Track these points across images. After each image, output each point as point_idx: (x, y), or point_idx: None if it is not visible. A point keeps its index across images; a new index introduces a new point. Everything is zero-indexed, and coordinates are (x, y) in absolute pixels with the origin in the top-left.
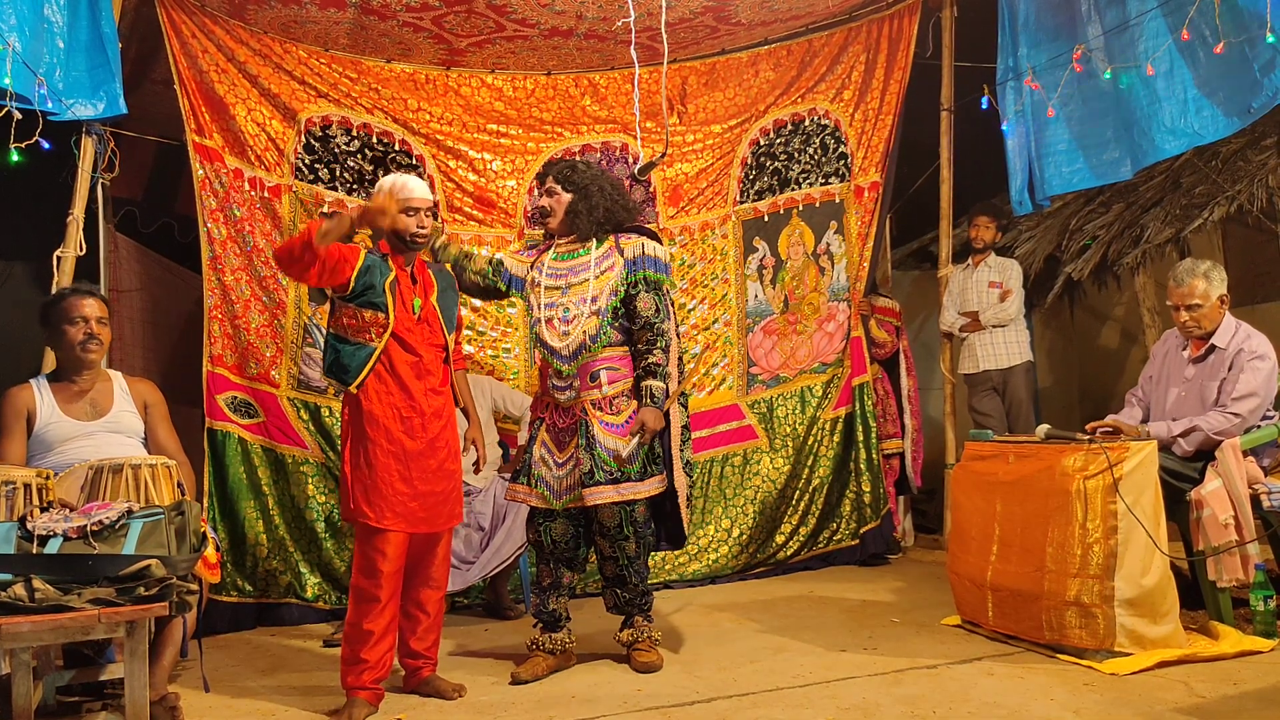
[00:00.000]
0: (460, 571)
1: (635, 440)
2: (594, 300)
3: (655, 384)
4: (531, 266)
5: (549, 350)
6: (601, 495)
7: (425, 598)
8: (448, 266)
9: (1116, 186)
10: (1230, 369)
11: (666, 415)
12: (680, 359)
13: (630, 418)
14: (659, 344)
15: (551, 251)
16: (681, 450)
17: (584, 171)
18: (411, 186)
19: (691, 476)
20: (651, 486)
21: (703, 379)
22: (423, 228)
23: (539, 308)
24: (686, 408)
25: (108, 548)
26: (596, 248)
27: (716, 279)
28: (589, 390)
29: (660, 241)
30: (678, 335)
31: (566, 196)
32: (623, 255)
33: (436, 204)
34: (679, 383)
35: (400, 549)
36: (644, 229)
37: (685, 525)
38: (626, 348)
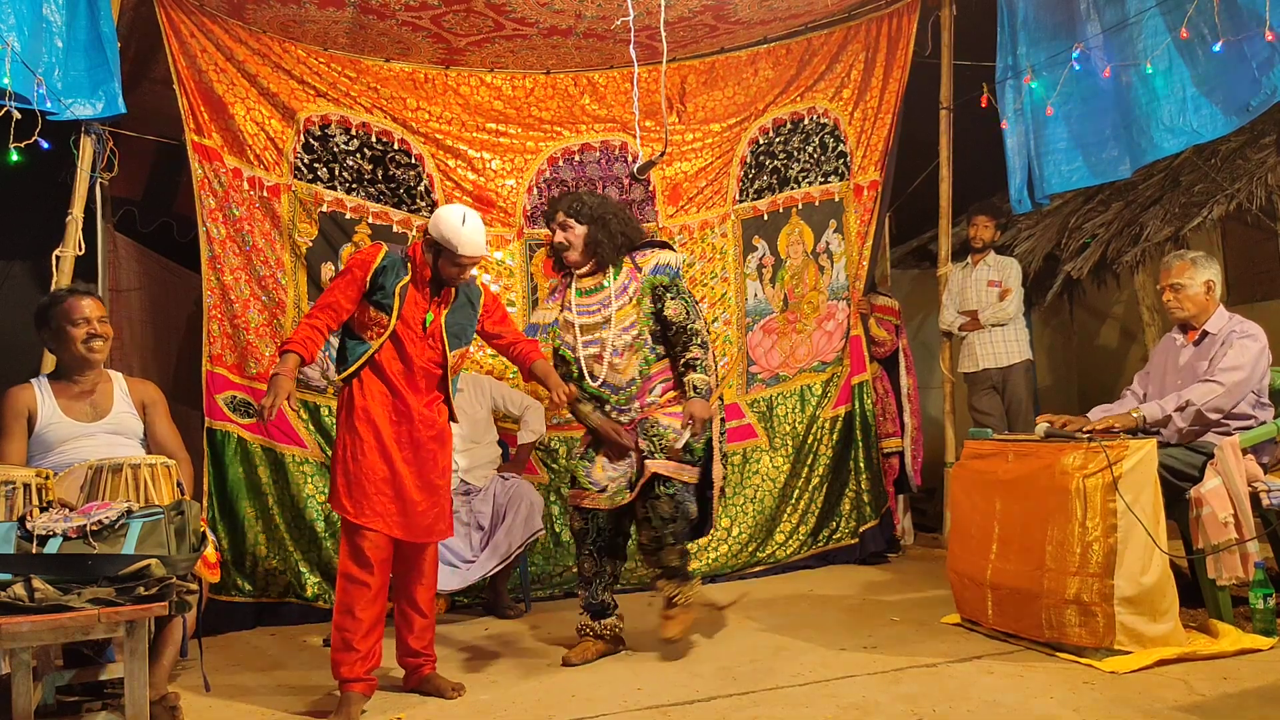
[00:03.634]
0: (460, 571)
1: (688, 433)
2: (633, 326)
3: (696, 376)
4: (561, 308)
5: (609, 386)
6: (664, 467)
7: (420, 597)
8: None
9: (1116, 185)
10: (1221, 347)
11: None
12: (714, 356)
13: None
14: (695, 342)
15: (573, 288)
16: (721, 443)
17: (590, 201)
18: (467, 241)
19: (727, 469)
20: (694, 473)
21: None
22: (463, 276)
23: (579, 345)
24: (723, 400)
25: (107, 547)
26: (615, 275)
27: (716, 278)
28: (647, 405)
29: (672, 248)
30: (708, 332)
31: (582, 229)
32: (641, 272)
33: (433, 205)
34: (719, 380)
35: (383, 539)
36: (654, 242)
37: (715, 513)
38: (668, 358)
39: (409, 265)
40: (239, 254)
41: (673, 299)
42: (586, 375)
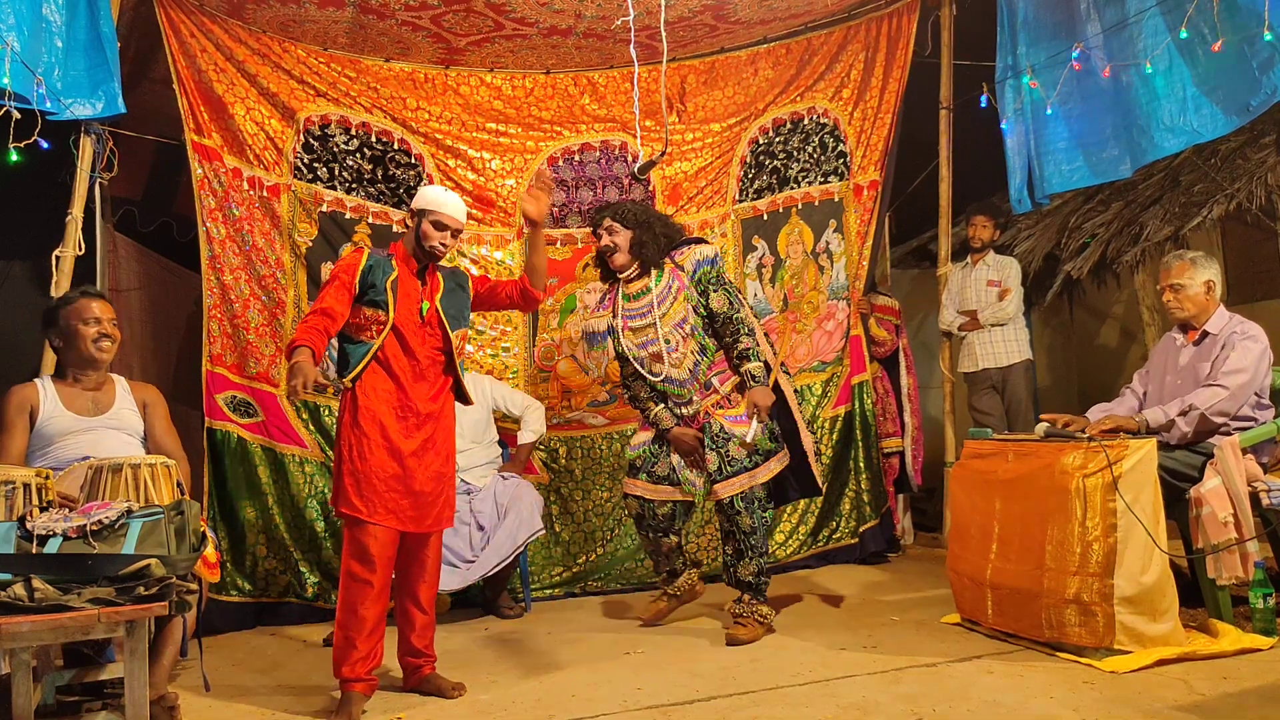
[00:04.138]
0: (460, 570)
1: (755, 422)
2: (684, 322)
3: (752, 366)
4: (613, 315)
5: (668, 381)
6: (733, 486)
7: (422, 595)
8: (463, 268)
9: (1115, 184)
10: (1222, 349)
11: (776, 389)
12: (766, 335)
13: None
14: (742, 330)
15: (620, 295)
16: (801, 411)
17: (634, 208)
18: (445, 202)
19: (815, 434)
20: (775, 466)
21: None
22: (445, 244)
23: (635, 347)
24: (791, 375)
25: (107, 547)
26: (658, 278)
27: None
28: (708, 397)
29: (707, 241)
30: (755, 316)
31: (627, 233)
32: (683, 269)
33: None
34: (775, 355)
35: (390, 537)
36: (692, 239)
37: (818, 476)
38: (722, 349)
39: (393, 262)
40: (239, 254)
41: (715, 291)
42: (647, 374)
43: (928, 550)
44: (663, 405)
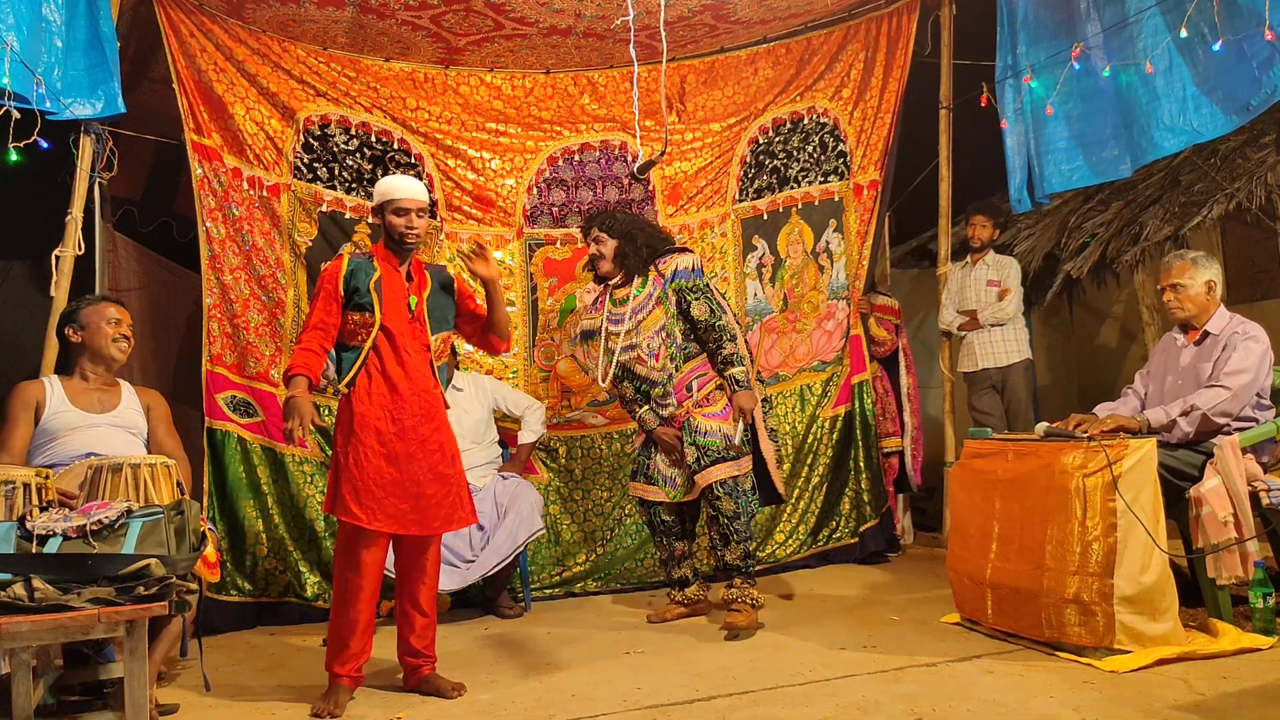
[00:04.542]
0: (460, 571)
1: (740, 424)
2: (661, 329)
3: (735, 370)
4: (604, 319)
5: (649, 383)
6: (711, 475)
7: (422, 596)
8: (449, 267)
9: (1115, 184)
10: (1224, 350)
11: None
12: (745, 342)
13: (726, 407)
14: (725, 337)
15: (609, 299)
16: (765, 419)
17: (621, 218)
18: (399, 186)
19: (777, 442)
20: (747, 464)
21: None
22: (412, 228)
23: (619, 350)
24: (764, 383)
25: (107, 547)
26: (641, 285)
27: (715, 277)
28: (688, 398)
29: (690, 251)
30: (738, 323)
31: (613, 242)
32: (664, 278)
33: (433, 203)
34: (751, 361)
35: (383, 542)
36: (675, 248)
37: (779, 484)
38: (704, 354)
39: (375, 262)
40: (239, 254)
41: (696, 300)
42: (627, 375)
43: (928, 550)
44: (646, 406)
